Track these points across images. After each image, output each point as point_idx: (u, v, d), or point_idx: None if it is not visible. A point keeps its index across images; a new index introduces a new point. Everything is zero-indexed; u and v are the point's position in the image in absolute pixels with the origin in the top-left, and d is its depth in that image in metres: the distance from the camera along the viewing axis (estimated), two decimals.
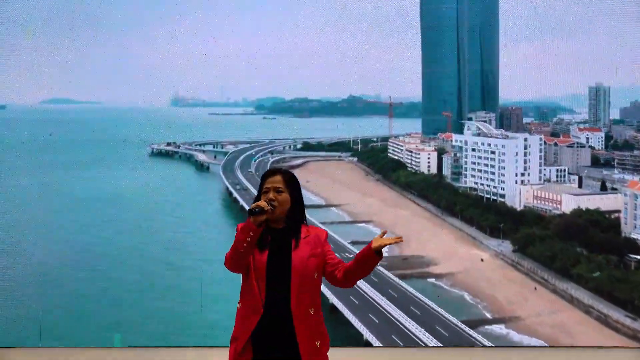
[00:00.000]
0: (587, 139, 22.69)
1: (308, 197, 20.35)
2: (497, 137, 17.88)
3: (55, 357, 6.19)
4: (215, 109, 28.38)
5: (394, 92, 25.44)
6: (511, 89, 24.45)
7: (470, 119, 22.90)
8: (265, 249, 3.08)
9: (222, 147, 27.43)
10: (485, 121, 22.23)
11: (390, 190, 20.30)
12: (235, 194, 20.68)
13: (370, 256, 3.00)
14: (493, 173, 17.74)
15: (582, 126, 24.26)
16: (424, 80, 24.95)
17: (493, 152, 17.65)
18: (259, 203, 3.01)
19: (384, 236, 3.04)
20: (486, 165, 18.13)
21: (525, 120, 26.26)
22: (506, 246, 16.10)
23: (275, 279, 3.06)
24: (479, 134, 19.05)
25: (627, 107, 27.54)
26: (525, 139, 17.31)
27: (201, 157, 26.50)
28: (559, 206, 16.45)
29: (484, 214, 16.84)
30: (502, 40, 25.43)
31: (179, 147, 26.88)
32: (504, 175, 17.19)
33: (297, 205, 3.20)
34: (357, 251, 3.73)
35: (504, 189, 17.28)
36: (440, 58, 24.77)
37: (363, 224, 20.27)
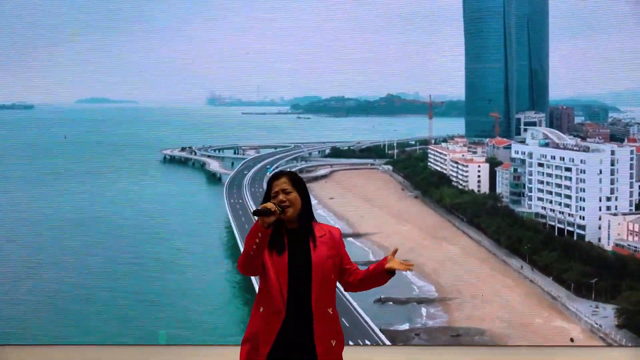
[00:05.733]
0: None
1: (330, 221, 17.69)
2: (573, 149, 14.34)
3: (55, 356, 6.12)
4: (250, 108, 28.82)
5: (433, 90, 24.39)
6: (557, 86, 23.38)
7: (518, 120, 21.03)
8: (284, 251, 3.18)
9: (243, 153, 26.05)
10: (534, 123, 20.18)
11: (432, 213, 16.61)
12: (232, 223, 17.16)
13: (382, 275, 3.19)
14: (569, 197, 13.99)
15: None
16: (467, 78, 23.28)
17: (568, 169, 13.88)
18: (265, 204, 3.10)
19: (395, 255, 3.21)
20: (559, 185, 14.40)
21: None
22: (604, 314, 11.44)
23: (297, 280, 3.15)
24: (547, 144, 15.62)
25: None
26: (613, 152, 13.59)
27: (214, 165, 24.65)
28: None
29: (565, 260, 12.67)
30: (550, 32, 23.92)
31: (194, 152, 25.36)
32: (583, 201, 13.36)
33: (306, 205, 3.30)
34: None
35: (583, 219, 13.56)
36: (484, 52, 22.93)
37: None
